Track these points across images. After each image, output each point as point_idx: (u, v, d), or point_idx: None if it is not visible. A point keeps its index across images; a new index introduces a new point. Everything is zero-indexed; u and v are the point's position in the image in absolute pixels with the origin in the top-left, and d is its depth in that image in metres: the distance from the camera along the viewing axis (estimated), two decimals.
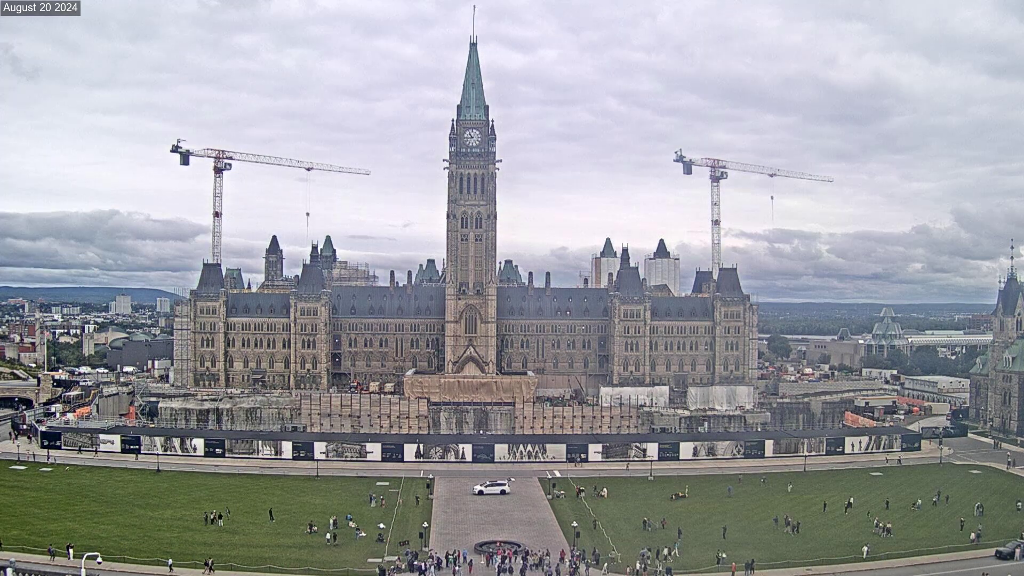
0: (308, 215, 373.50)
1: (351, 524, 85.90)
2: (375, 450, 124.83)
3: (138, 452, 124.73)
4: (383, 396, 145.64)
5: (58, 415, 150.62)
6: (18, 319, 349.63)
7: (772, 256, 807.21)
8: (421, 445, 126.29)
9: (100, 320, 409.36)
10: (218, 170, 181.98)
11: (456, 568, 72.18)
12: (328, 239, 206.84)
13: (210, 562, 70.69)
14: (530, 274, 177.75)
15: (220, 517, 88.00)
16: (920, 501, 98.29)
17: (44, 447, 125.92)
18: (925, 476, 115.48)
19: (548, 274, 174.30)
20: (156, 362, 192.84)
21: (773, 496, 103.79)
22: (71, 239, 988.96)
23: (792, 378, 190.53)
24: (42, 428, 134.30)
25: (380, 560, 74.53)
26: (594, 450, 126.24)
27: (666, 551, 76.58)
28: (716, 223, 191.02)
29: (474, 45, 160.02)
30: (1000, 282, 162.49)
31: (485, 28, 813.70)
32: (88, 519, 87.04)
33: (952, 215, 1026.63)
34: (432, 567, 72.55)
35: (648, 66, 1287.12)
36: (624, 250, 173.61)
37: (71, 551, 71.62)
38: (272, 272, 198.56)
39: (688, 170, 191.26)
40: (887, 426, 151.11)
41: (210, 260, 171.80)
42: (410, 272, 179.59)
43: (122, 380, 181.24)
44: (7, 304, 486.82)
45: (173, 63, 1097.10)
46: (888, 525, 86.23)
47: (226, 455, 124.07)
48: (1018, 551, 77.03)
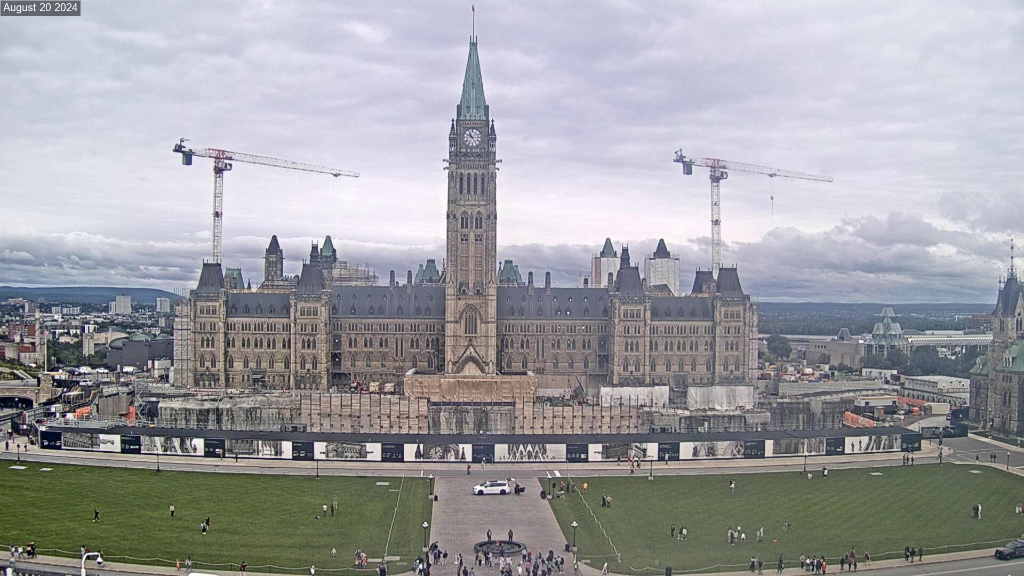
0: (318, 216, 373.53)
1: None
2: (375, 450, 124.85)
3: (137, 451, 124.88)
4: (383, 396, 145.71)
5: (58, 415, 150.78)
6: (18, 319, 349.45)
7: (772, 255, 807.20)
8: (421, 445, 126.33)
9: (100, 320, 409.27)
10: (218, 170, 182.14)
11: (465, 568, 72.22)
12: (328, 239, 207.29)
13: (188, 562, 71.10)
14: (530, 274, 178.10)
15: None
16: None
17: (44, 447, 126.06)
18: (925, 476, 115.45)
19: (548, 274, 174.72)
20: (156, 362, 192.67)
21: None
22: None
23: (792, 378, 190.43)
24: (42, 428, 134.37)
25: (380, 560, 74.60)
26: (594, 450, 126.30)
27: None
28: (716, 223, 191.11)
29: (474, 45, 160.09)
30: (1000, 282, 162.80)
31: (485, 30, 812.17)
32: (88, 519, 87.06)
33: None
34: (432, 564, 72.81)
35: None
36: (624, 250, 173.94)
37: (96, 555, 70.97)
38: (272, 272, 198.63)
39: (688, 170, 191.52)
40: (887, 426, 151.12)
41: (210, 260, 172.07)
42: (410, 272, 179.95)
43: (122, 380, 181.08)
44: (7, 304, 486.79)
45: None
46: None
47: (226, 455, 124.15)
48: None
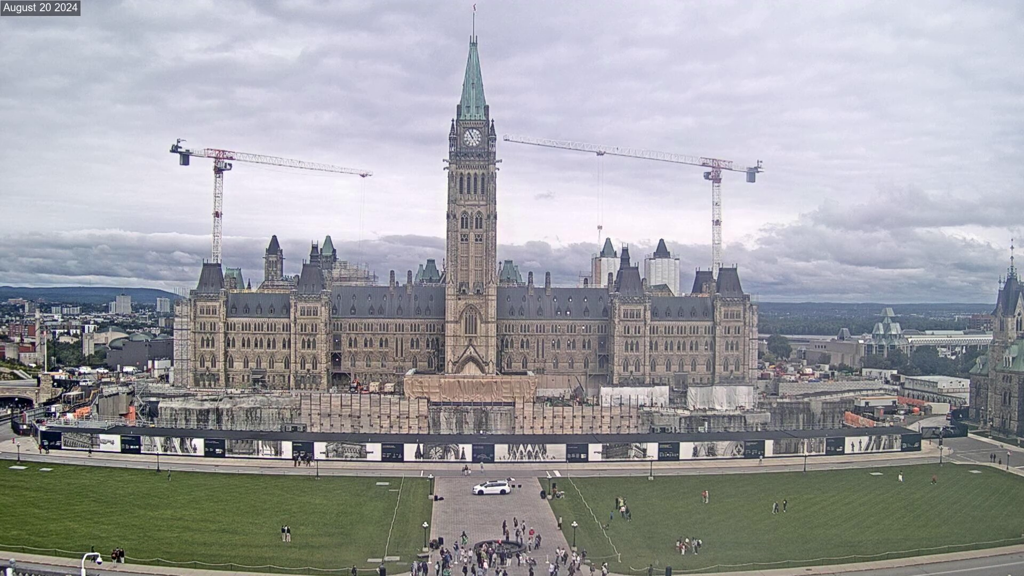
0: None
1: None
2: (375, 450, 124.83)
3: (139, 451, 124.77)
4: (383, 396, 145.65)
5: (58, 415, 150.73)
6: (18, 319, 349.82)
7: (772, 256, 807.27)
8: (421, 445, 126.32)
9: (100, 320, 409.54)
10: (218, 170, 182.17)
11: (472, 567, 72.35)
12: (328, 239, 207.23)
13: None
14: (530, 274, 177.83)
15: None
16: None
17: (44, 447, 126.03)
18: (925, 476, 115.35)
19: (548, 274, 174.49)
20: (156, 362, 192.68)
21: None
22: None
23: (792, 378, 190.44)
24: (42, 428, 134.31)
25: (380, 560, 74.60)
26: (594, 450, 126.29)
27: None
28: (716, 223, 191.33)
29: (474, 45, 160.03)
30: (1000, 282, 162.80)
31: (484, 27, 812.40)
32: (88, 519, 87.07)
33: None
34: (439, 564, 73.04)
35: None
36: (624, 250, 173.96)
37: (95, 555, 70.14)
38: (272, 272, 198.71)
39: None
40: (887, 426, 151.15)
41: (210, 260, 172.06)
42: (410, 272, 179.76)
43: (122, 380, 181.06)
44: (7, 304, 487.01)
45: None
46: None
47: (226, 455, 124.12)
48: None
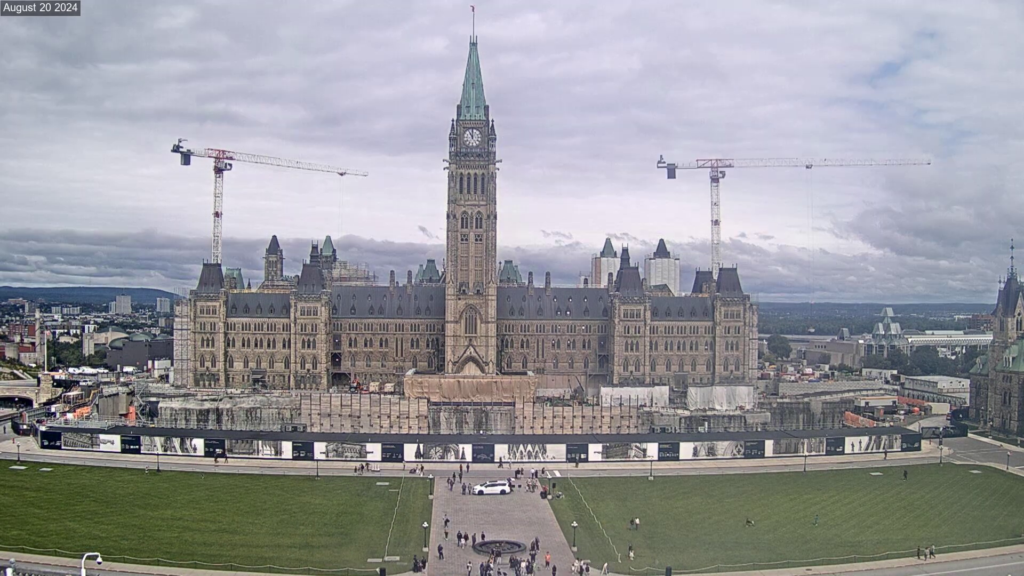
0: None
1: None
2: (375, 450, 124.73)
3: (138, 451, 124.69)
4: (383, 396, 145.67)
5: (58, 415, 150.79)
6: (18, 319, 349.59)
7: (771, 255, 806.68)
8: (421, 445, 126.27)
9: (100, 320, 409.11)
10: (218, 170, 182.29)
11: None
12: (328, 239, 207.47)
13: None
14: (530, 274, 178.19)
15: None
16: None
17: (44, 447, 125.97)
18: (925, 476, 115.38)
19: (548, 274, 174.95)
20: (156, 362, 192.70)
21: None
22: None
23: (792, 378, 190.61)
24: (42, 428, 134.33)
25: (380, 560, 74.59)
26: (594, 450, 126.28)
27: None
28: (716, 223, 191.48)
29: (474, 45, 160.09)
30: (1000, 282, 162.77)
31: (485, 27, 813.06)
32: (88, 519, 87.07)
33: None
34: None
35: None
36: (624, 250, 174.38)
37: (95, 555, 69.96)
38: (272, 272, 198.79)
39: (672, 175, 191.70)
40: (887, 426, 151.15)
41: (210, 260, 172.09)
42: (410, 272, 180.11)
43: (122, 380, 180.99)
44: (7, 304, 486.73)
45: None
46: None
47: (226, 455, 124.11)
48: None
